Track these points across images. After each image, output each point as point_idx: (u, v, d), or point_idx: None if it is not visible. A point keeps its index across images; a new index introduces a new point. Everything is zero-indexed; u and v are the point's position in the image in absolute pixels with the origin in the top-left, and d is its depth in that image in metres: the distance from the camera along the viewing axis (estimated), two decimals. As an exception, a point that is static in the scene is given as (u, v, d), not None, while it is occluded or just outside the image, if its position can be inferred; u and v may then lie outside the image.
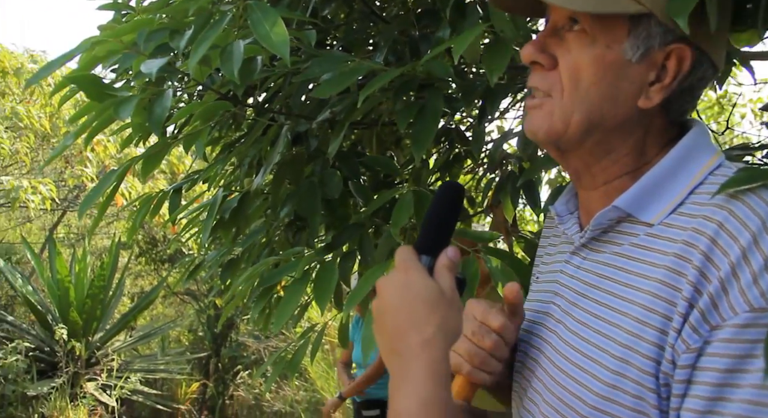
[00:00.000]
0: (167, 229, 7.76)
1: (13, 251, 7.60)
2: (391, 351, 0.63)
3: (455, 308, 0.65)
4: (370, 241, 1.23)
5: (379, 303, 0.66)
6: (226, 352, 7.41)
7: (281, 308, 1.07)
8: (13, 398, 5.11)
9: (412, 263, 0.66)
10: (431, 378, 0.59)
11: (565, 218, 0.79)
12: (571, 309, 0.71)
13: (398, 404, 0.59)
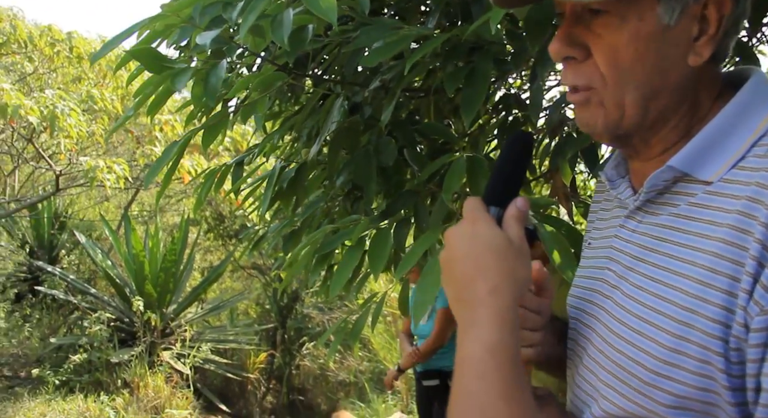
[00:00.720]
0: (233, 205, 8.01)
1: (93, 228, 8.04)
2: (458, 300, 0.63)
3: (524, 258, 0.64)
4: (425, 207, 1.23)
5: (447, 253, 0.65)
6: (291, 324, 7.64)
7: (337, 274, 1.09)
8: (98, 364, 5.47)
9: (480, 213, 0.66)
10: (498, 324, 0.59)
11: (617, 182, 0.77)
12: (627, 274, 0.69)
13: (464, 350, 0.59)
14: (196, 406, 5.71)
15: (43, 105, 5.37)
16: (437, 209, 1.18)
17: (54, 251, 7.34)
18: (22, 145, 7.29)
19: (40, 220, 7.30)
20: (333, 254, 1.24)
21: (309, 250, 1.18)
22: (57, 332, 6.28)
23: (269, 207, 1.51)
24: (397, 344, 5.43)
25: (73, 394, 5.07)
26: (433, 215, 1.19)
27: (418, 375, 3.39)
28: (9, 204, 7.26)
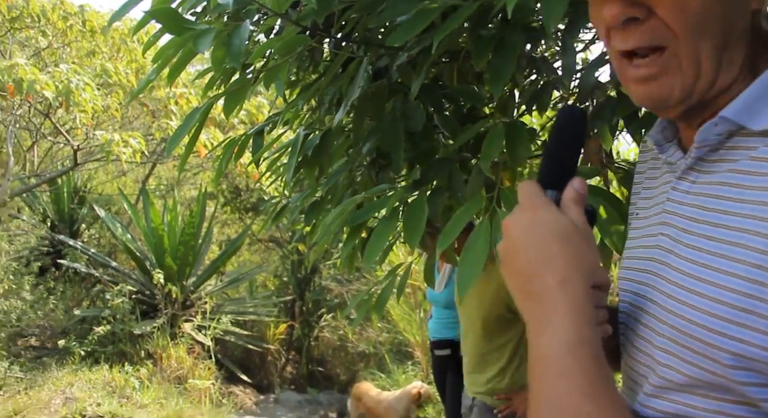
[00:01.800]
0: (250, 178, 8.00)
1: (112, 202, 8.09)
2: (524, 293, 0.59)
3: (589, 242, 0.60)
4: (460, 176, 1.17)
5: (507, 244, 0.61)
6: (310, 296, 7.69)
7: (371, 245, 1.04)
8: (122, 335, 5.55)
9: (539, 198, 0.61)
10: (574, 318, 0.54)
11: (665, 146, 0.72)
12: (683, 236, 0.65)
13: (542, 348, 0.55)
14: (218, 376, 5.80)
15: (58, 80, 5.35)
16: (474, 178, 1.13)
17: (74, 225, 7.41)
18: (39, 120, 7.31)
19: (60, 194, 7.35)
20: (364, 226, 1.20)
21: (339, 222, 1.13)
22: (80, 304, 6.38)
23: (293, 176, 1.46)
24: (416, 316, 5.44)
25: (99, 364, 5.17)
26: (470, 184, 1.14)
27: (431, 345, 3.41)
28: (29, 179, 7.31)
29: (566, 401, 0.50)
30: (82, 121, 5.90)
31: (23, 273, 5.87)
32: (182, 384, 5.33)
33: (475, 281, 2.22)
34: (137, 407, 4.55)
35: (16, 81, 5.07)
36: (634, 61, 0.63)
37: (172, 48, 1.03)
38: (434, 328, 3.35)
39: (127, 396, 4.71)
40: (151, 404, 4.66)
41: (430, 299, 3.38)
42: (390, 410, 4.38)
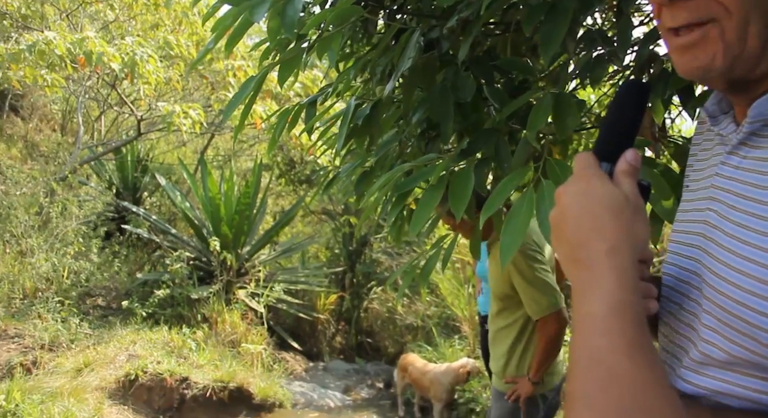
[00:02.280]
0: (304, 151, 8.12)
1: (172, 172, 8.38)
2: (573, 261, 0.60)
3: (641, 215, 0.60)
4: (507, 147, 1.18)
5: (558, 212, 0.62)
6: (360, 268, 7.80)
7: (417, 214, 1.07)
8: (180, 299, 5.81)
9: (593, 169, 0.62)
10: (620, 284, 0.55)
11: (719, 118, 0.71)
12: (731, 213, 0.65)
13: (585, 309, 0.56)
14: (269, 342, 6.00)
15: (123, 52, 5.54)
16: (520, 149, 1.13)
17: (137, 193, 7.73)
18: (106, 92, 7.61)
19: (125, 163, 7.67)
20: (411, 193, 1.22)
21: (385, 190, 1.16)
22: (142, 268, 6.69)
23: (344, 145, 1.50)
24: (464, 290, 5.46)
25: (158, 326, 5.43)
26: (516, 154, 1.15)
27: (481, 319, 3.41)
28: (97, 148, 7.66)
29: (605, 357, 0.51)
30: (145, 93, 6.11)
31: (91, 237, 6.19)
32: (235, 348, 5.55)
33: (492, 257, 2.19)
34: (194, 367, 4.77)
35: (86, 53, 5.28)
36: (680, 32, 0.63)
37: (230, 18, 1.07)
38: (484, 303, 3.36)
39: (184, 356, 4.95)
40: (207, 365, 4.88)
41: (479, 274, 3.38)
42: (435, 382, 4.43)
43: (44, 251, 5.53)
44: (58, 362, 4.40)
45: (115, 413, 4.04)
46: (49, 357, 4.47)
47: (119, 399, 4.25)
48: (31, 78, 5.73)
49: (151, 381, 4.45)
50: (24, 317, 4.90)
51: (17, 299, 5.10)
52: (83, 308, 5.62)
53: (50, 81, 5.88)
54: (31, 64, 5.61)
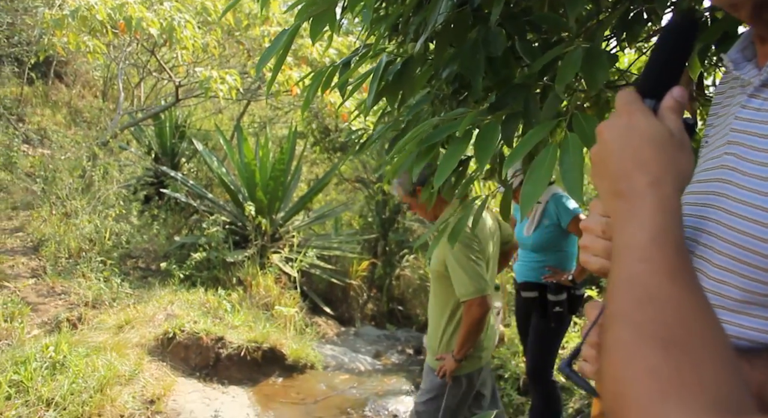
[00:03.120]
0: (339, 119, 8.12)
1: (209, 138, 8.51)
2: (614, 194, 0.59)
3: (685, 151, 0.59)
4: (536, 102, 1.17)
5: (600, 148, 0.62)
6: (393, 236, 7.85)
7: (442, 164, 1.07)
8: (216, 262, 5.96)
9: (636, 105, 0.61)
10: (661, 213, 0.55)
11: (742, 64, 0.70)
12: (750, 153, 0.65)
13: (624, 238, 0.55)
14: (302, 306, 6.12)
15: (162, 17, 5.60)
16: (548, 103, 1.12)
17: (175, 158, 7.89)
18: (145, 58, 7.73)
19: (163, 129, 7.82)
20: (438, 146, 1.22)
21: (414, 142, 1.16)
22: (180, 231, 6.87)
23: (375, 102, 1.50)
24: (496, 260, 5.44)
25: (195, 287, 5.59)
26: (544, 109, 1.14)
27: (518, 286, 3.40)
28: (136, 114, 7.81)
29: (644, 280, 0.50)
30: (183, 58, 6.18)
31: (131, 200, 6.37)
32: (269, 311, 5.69)
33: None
34: (229, 328, 4.91)
35: (126, 19, 5.36)
36: None
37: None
38: (521, 271, 3.36)
39: (219, 317, 5.09)
40: (241, 326, 5.02)
41: (517, 239, 3.37)
42: (464, 348, 4.46)
43: (87, 212, 5.72)
44: (101, 319, 4.59)
45: (154, 369, 4.20)
46: (93, 314, 4.67)
47: (158, 355, 4.42)
48: (74, 44, 5.86)
49: (188, 340, 4.60)
50: (69, 275, 5.11)
51: (63, 258, 5.30)
52: (124, 268, 5.81)
53: (92, 47, 6.00)
54: (74, 31, 5.72)
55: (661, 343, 0.43)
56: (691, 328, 0.45)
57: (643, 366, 0.43)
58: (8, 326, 4.03)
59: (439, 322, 2.63)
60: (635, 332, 0.46)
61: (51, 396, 3.21)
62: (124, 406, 3.66)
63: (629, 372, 0.43)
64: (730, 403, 0.38)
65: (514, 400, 4.05)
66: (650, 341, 0.44)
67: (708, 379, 0.40)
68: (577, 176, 0.91)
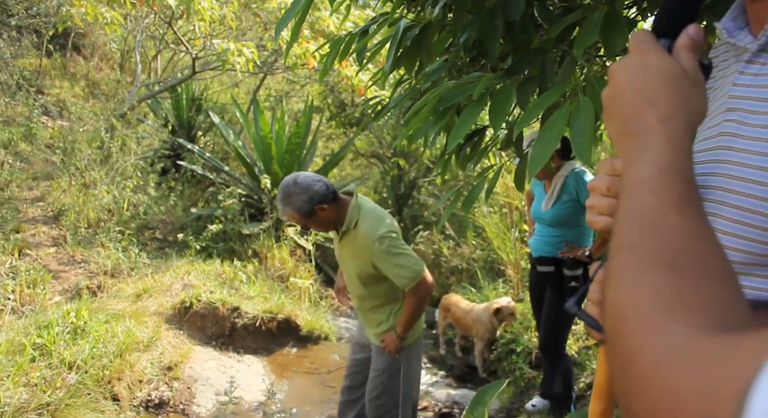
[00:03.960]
0: (355, 93, 8.09)
1: (225, 111, 8.53)
2: (625, 133, 0.58)
3: (699, 89, 0.58)
4: (553, 66, 1.16)
5: (612, 88, 0.61)
6: (407, 212, 7.86)
7: (457, 126, 1.07)
8: (232, 234, 6.02)
9: (649, 44, 0.60)
10: (671, 147, 0.54)
11: (735, 32, 0.69)
12: (749, 118, 0.65)
13: (632, 173, 0.54)
14: (317, 279, 6.18)
15: (179, -12, 5.58)
16: (565, 68, 1.11)
17: (192, 131, 7.93)
18: (162, 30, 7.73)
19: (180, 102, 7.84)
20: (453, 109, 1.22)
21: (430, 104, 1.16)
22: (196, 203, 6.93)
23: (393, 68, 1.50)
24: (511, 234, 5.44)
25: (211, 258, 5.66)
26: (561, 73, 1.13)
27: (534, 261, 3.40)
28: (153, 86, 7.84)
29: (652, 212, 0.50)
30: (200, 30, 6.17)
31: (149, 172, 6.43)
32: (284, 283, 5.76)
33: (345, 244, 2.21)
34: (244, 298, 4.98)
35: (142, -12, 5.35)
36: None
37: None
38: (536, 245, 3.35)
39: (235, 288, 5.17)
40: (257, 296, 5.09)
41: (535, 215, 3.36)
42: (477, 321, 4.48)
43: (106, 183, 5.79)
44: (120, 288, 4.68)
45: (172, 337, 4.29)
46: (112, 282, 4.76)
47: (175, 324, 4.51)
48: (92, 15, 5.87)
49: (205, 309, 4.68)
50: (89, 245, 5.20)
51: (82, 228, 5.39)
52: (141, 239, 5.90)
53: (110, 19, 6.00)
54: (92, 1, 5.73)
55: (665, 268, 0.43)
56: (696, 253, 0.45)
57: (647, 288, 0.43)
58: (31, 292, 4.12)
59: (379, 316, 2.68)
60: (639, 259, 0.46)
61: (73, 359, 3.30)
62: (142, 371, 3.76)
63: (632, 294, 0.44)
64: (733, 321, 0.39)
65: (525, 374, 4.09)
66: (654, 266, 0.44)
67: (710, 298, 0.41)
68: (587, 139, 0.91)
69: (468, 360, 4.84)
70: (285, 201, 2.49)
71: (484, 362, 4.55)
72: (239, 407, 3.77)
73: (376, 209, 2.61)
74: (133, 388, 3.66)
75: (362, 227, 2.50)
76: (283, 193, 2.51)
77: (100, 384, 3.35)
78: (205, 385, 3.99)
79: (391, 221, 2.59)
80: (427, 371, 4.76)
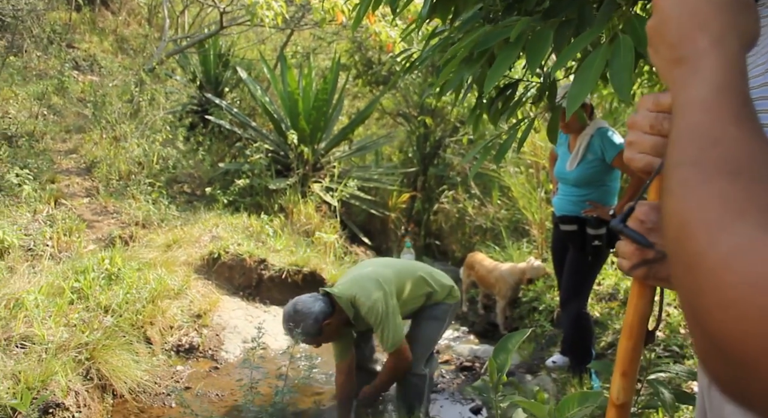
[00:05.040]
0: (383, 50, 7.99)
1: (252, 67, 8.51)
2: (673, 62, 0.57)
3: (750, 12, 0.57)
4: (591, 11, 1.14)
5: (657, 17, 0.60)
6: (433, 171, 7.85)
7: (493, 69, 1.08)
8: (258, 189, 6.10)
9: None
10: (725, 67, 0.52)
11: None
12: None
13: (685, 96, 0.53)
14: (341, 235, 6.25)
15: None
16: (604, 9, 1.10)
17: (219, 87, 7.95)
18: (190, -16, 7.69)
19: (207, 57, 7.84)
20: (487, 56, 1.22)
21: (466, 47, 1.16)
22: (224, 158, 7.01)
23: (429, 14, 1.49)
24: (537, 194, 5.43)
25: (239, 212, 5.76)
26: (599, 16, 1.12)
27: (557, 220, 3.41)
28: (181, 41, 7.85)
29: (711, 127, 0.49)
30: (228, -16, 6.12)
31: (177, 126, 6.50)
32: (309, 237, 5.84)
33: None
34: (271, 251, 5.08)
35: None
36: None
37: None
38: (560, 204, 3.35)
39: (262, 241, 5.26)
40: (283, 250, 5.18)
41: (559, 175, 3.34)
42: (501, 280, 4.53)
43: (136, 137, 5.88)
44: (151, 238, 4.80)
45: (201, 286, 4.42)
46: (143, 233, 4.88)
47: (204, 274, 4.63)
48: (120, -33, 5.85)
49: (232, 260, 4.79)
50: (120, 196, 5.32)
51: (114, 180, 5.51)
52: (171, 192, 6.01)
53: (137, -29, 5.98)
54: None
55: (731, 175, 0.43)
56: (761, 161, 0.44)
57: (714, 194, 0.43)
58: (67, 239, 4.26)
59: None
60: (702, 171, 0.46)
61: (108, 303, 3.43)
62: (173, 317, 3.89)
63: (698, 201, 0.44)
64: None
65: (547, 331, 4.13)
66: (719, 175, 0.44)
67: None
68: (627, 77, 0.91)
69: (490, 317, 4.91)
70: (292, 330, 2.72)
71: (505, 320, 4.61)
72: (266, 353, 3.89)
73: (354, 283, 2.87)
74: (164, 333, 3.80)
75: (363, 310, 2.79)
76: (287, 324, 2.77)
77: (134, 328, 3.49)
78: (232, 333, 4.12)
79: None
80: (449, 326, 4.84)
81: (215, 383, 3.54)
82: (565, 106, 2.47)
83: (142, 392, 3.21)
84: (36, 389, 2.61)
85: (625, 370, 0.79)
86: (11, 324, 2.94)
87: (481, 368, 3.93)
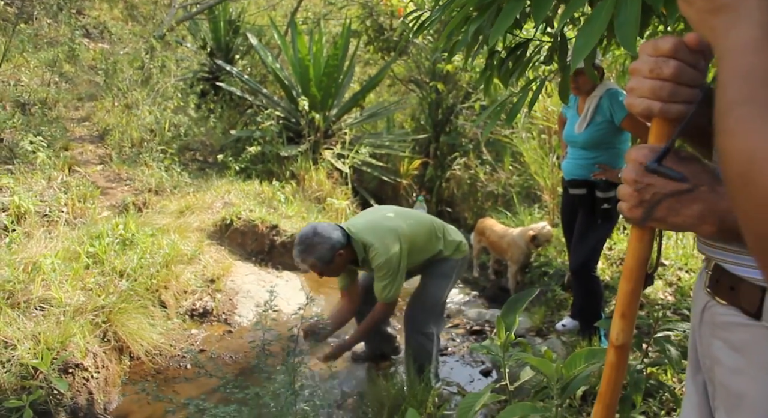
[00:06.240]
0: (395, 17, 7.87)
1: (262, 34, 8.43)
2: (712, 11, 0.56)
3: None
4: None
5: None
6: (445, 138, 7.80)
7: (499, 21, 1.06)
8: (270, 156, 6.12)
9: None
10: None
11: None
12: None
13: (731, 42, 0.53)
14: (353, 201, 6.27)
15: None
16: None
17: (230, 54, 7.90)
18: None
19: (218, 24, 7.78)
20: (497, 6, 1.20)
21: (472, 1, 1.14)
22: (235, 126, 7.01)
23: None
24: (549, 160, 5.38)
25: (250, 179, 5.79)
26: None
27: (566, 183, 3.38)
28: (191, 7, 7.78)
29: (764, 66, 0.48)
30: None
31: (188, 93, 6.50)
32: (321, 204, 5.87)
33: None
34: (282, 217, 5.12)
35: None
36: None
37: None
38: (569, 168, 3.32)
39: (274, 207, 5.30)
40: (294, 216, 5.22)
41: (567, 138, 3.31)
42: (512, 245, 4.52)
43: (147, 104, 5.89)
44: (164, 204, 4.85)
45: (213, 251, 4.47)
46: (156, 199, 4.93)
47: (216, 240, 4.68)
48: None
49: (245, 226, 4.84)
50: (133, 163, 5.36)
51: (126, 147, 5.55)
52: (183, 159, 6.04)
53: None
54: None
55: None
56: None
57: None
58: (82, 206, 4.31)
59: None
60: (761, 108, 0.46)
61: (123, 268, 3.49)
62: (187, 282, 3.96)
63: (762, 137, 0.44)
64: None
65: (557, 295, 4.15)
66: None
67: None
68: (632, 30, 0.89)
69: (501, 283, 4.93)
70: (307, 251, 2.71)
71: (516, 285, 4.63)
72: (279, 316, 3.96)
73: (373, 231, 2.85)
74: (179, 297, 3.87)
75: (377, 261, 2.80)
76: (304, 244, 2.73)
77: (149, 292, 3.55)
78: (245, 297, 4.18)
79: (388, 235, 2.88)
80: (460, 290, 4.87)
81: (229, 345, 3.61)
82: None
83: (158, 354, 3.29)
84: (55, 349, 2.68)
85: (624, 311, 0.81)
86: (30, 287, 3.00)
87: (491, 332, 3.97)
